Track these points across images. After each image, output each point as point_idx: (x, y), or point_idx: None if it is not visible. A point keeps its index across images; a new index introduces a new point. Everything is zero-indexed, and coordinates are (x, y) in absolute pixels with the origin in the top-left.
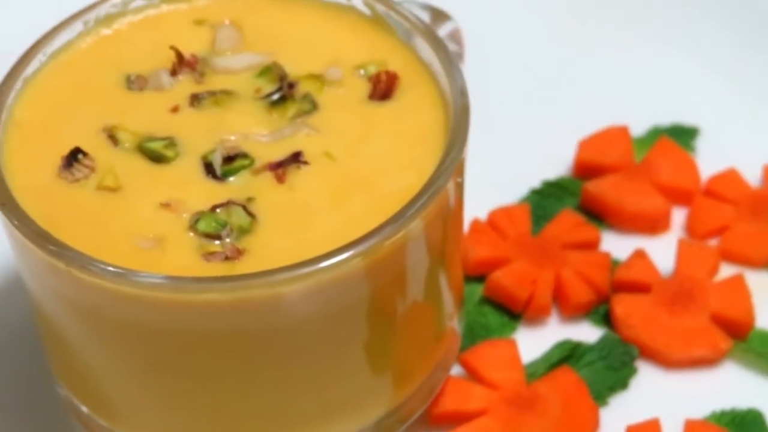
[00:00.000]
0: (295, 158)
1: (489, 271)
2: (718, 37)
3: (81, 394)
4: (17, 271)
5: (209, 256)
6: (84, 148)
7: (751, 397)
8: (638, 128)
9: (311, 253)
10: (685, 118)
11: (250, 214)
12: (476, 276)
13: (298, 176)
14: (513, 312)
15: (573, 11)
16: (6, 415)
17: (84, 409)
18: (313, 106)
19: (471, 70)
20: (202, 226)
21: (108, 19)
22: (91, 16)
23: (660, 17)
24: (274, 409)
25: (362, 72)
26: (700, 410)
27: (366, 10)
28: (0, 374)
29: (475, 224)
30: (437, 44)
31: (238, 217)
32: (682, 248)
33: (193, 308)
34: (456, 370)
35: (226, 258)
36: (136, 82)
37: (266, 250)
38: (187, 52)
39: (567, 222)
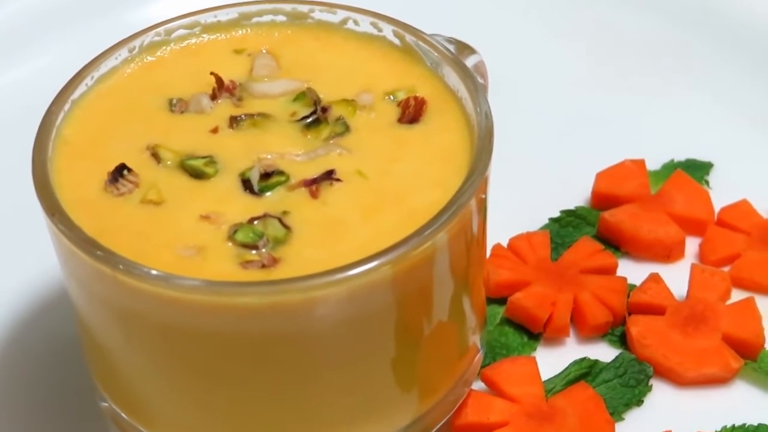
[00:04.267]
0: (329, 175)
1: (510, 293)
2: (731, 77)
3: (122, 401)
4: (61, 285)
5: (247, 264)
6: (129, 165)
7: (760, 413)
8: (654, 163)
9: (343, 263)
10: (699, 154)
11: (286, 226)
12: (498, 298)
13: (331, 192)
14: (533, 332)
15: (594, 51)
16: (48, 427)
17: (124, 416)
18: (346, 129)
19: (493, 103)
20: (240, 236)
21: (151, 47)
22: (136, 43)
23: (676, 58)
24: (302, 416)
25: (392, 98)
26: (712, 426)
27: (396, 41)
28: (43, 387)
29: (497, 249)
30: (464, 72)
31: (274, 229)
32: (695, 273)
33: (230, 311)
34: (477, 385)
35: (263, 266)
36: (177, 105)
37: (300, 259)
38: (226, 78)
39: (585, 249)
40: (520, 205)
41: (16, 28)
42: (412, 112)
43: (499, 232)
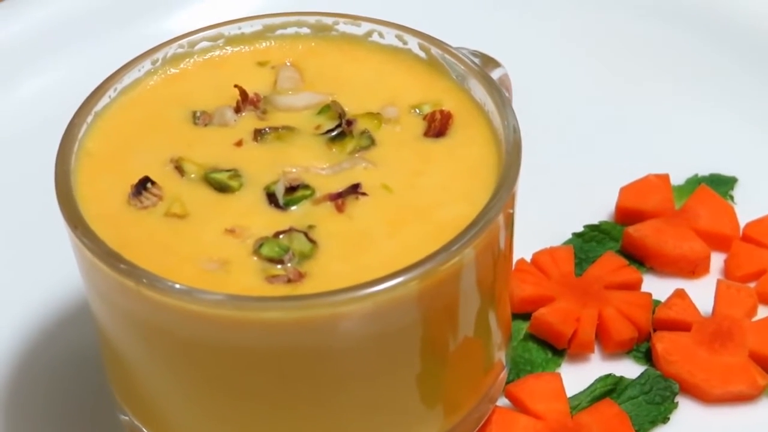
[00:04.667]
0: (354, 189)
1: (534, 308)
2: (756, 91)
3: (142, 414)
4: (83, 298)
5: (272, 278)
6: (152, 177)
7: None
8: (678, 177)
9: (369, 277)
10: (724, 169)
11: (311, 241)
12: (521, 313)
13: (356, 206)
14: (557, 348)
15: (617, 64)
16: None
17: (144, 430)
18: (371, 142)
19: (517, 117)
20: (265, 250)
21: (175, 59)
22: (159, 55)
23: (700, 72)
24: (327, 430)
25: (417, 111)
26: None
27: (422, 54)
28: (63, 400)
29: (521, 264)
30: (490, 85)
31: (300, 243)
32: (721, 289)
33: (255, 326)
34: (502, 401)
35: (289, 280)
36: (201, 118)
37: (326, 273)
38: (250, 91)
39: (609, 264)
40: (543, 220)
41: (39, 39)
42: (438, 126)
43: (522, 246)
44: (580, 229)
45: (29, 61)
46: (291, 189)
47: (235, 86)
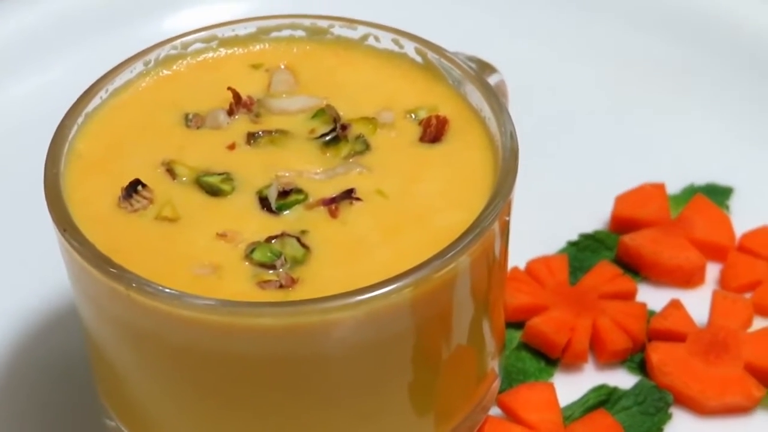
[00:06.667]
0: (348, 194)
1: (527, 317)
2: (753, 101)
3: (129, 421)
4: (71, 302)
5: (264, 284)
6: (143, 180)
7: None
8: (674, 187)
9: (362, 284)
10: (720, 178)
11: (304, 246)
12: (515, 322)
13: (350, 212)
14: (550, 358)
15: (614, 73)
16: None
17: None
18: (366, 147)
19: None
20: (257, 255)
21: (167, 61)
22: (152, 57)
23: (697, 82)
24: None
25: (413, 116)
26: None
27: (418, 58)
28: (49, 404)
29: (514, 272)
30: (487, 91)
31: (292, 248)
32: (717, 300)
33: (247, 332)
34: (494, 411)
35: (281, 286)
36: (193, 121)
37: (319, 279)
38: (243, 93)
39: (604, 273)
40: (538, 228)
41: (31, 39)
42: (434, 131)
43: (516, 255)
44: (575, 237)
45: (20, 61)
46: (284, 193)
47: (229, 89)
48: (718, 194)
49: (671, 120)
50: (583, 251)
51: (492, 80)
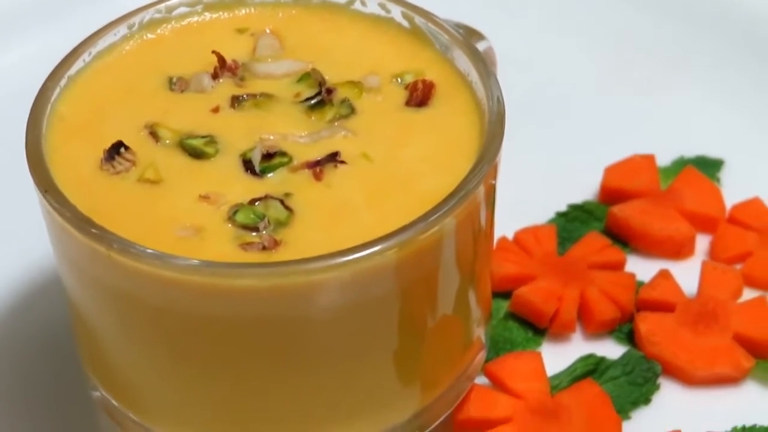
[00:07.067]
0: (333, 158)
1: (515, 287)
2: (743, 74)
3: (114, 389)
4: (54, 270)
5: (246, 246)
6: (126, 143)
7: None
8: (664, 159)
9: (346, 247)
10: (710, 151)
11: (288, 208)
12: (502, 292)
13: (335, 175)
14: (538, 327)
15: (604, 45)
16: (38, 418)
17: (116, 404)
18: (351, 111)
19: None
20: (240, 217)
21: (152, 25)
22: (135, 20)
23: (687, 55)
24: (301, 406)
25: (399, 80)
26: (722, 426)
27: (405, 22)
28: (33, 375)
29: (502, 242)
30: (474, 55)
31: (276, 211)
32: (706, 270)
33: (229, 294)
34: (480, 380)
35: (263, 248)
36: (177, 84)
37: (303, 242)
38: (228, 57)
39: (593, 244)
40: (526, 199)
41: (15, 6)
42: (420, 96)
43: (505, 225)
44: (563, 208)
45: (7, 27)
46: (268, 156)
47: (213, 52)
48: (709, 166)
49: (662, 92)
50: (572, 222)
51: (480, 47)
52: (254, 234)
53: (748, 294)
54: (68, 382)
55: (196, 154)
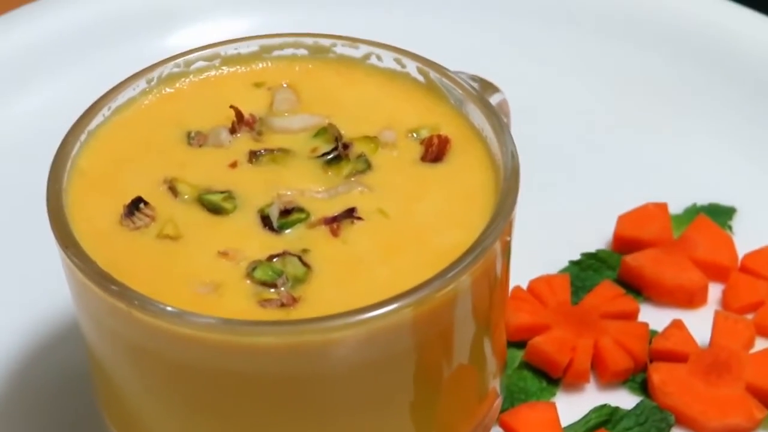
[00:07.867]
0: (350, 214)
1: (529, 336)
2: (755, 121)
3: None
4: (73, 318)
5: (265, 302)
6: (145, 198)
7: None
8: (676, 207)
9: (363, 303)
10: (722, 199)
11: (305, 265)
12: (516, 341)
13: (352, 231)
14: (552, 377)
15: (617, 93)
16: None
17: None
18: (368, 166)
19: (515, 143)
20: (258, 274)
21: (170, 79)
22: (154, 74)
23: (699, 102)
24: None
25: (415, 135)
26: None
27: (420, 77)
28: (50, 420)
29: (517, 291)
30: (489, 110)
31: (294, 267)
32: (719, 320)
33: (247, 351)
34: (495, 431)
35: (282, 305)
36: (196, 139)
37: (320, 298)
38: (245, 112)
39: (606, 293)
40: (540, 247)
41: (34, 55)
42: (435, 151)
43: (518, 274)
44: (577, 257)
45: (25, 77)
46: (285, 212)
47: (231, 107)
48: (721, 214)
49: (674, 140)
50: (585, 270)
51: (494, 100)
52: (272, 290)
53: (761, 344)
54: (86, 426)
55: (215, 210)
